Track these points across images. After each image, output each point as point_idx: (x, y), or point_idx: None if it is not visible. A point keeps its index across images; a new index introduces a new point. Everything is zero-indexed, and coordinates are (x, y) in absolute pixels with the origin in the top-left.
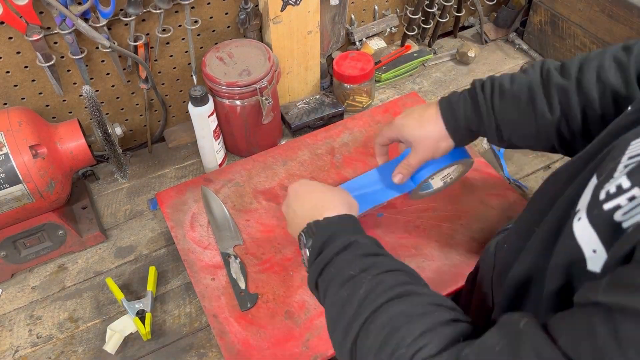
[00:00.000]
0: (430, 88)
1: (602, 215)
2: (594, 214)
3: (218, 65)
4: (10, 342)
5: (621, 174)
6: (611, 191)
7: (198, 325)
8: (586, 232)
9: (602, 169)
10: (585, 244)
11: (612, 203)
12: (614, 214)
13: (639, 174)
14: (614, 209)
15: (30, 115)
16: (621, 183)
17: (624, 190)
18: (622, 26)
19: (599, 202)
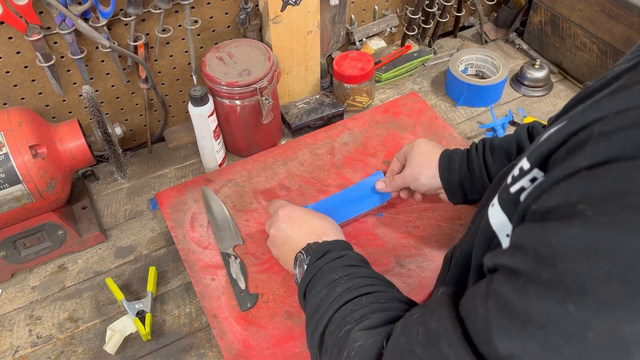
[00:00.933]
0: (430, 88)
1: (510, 198)
2: (503, 197)
3: (218, 65)
4: (10, 342)
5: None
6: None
7: (198, 325)
8: (498, 215)
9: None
10: (499, 227)
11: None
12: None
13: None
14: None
15: (30, 115)
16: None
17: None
18: (622, 26)
19: (507, 186)
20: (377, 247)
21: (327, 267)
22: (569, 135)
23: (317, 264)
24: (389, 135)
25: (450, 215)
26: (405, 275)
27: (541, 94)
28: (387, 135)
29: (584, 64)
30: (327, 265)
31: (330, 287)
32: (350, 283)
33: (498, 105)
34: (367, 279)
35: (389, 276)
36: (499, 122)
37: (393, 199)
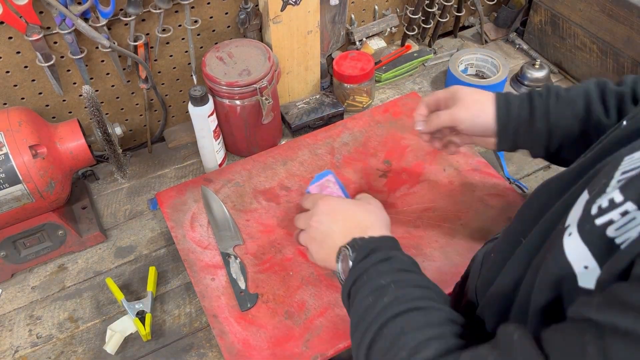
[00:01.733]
0: (430, 88)
1: (594, 230)
2: (586, 229)
3: (218, 65)
4: (10, 342)
5: (614, 189)
6: (603, 205)
7: (198, 325)
8: (577, 247)
9: (594, 184)
10: (576, 261)
11: (604, 218)
12: (607, 229)
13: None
14: (606, 224)
15: (30, 115)
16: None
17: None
18: (622, 26)
19: (591, 217)
20: None
21: (373, 270)
22: None
23: (363, 264)
24: (389, 135)
25: (450, 215)
26: None
27: None
28: (387, 135)
29: (584, 64)
30: (374, 267)
31: (378, 294)
32: (400, 292)
33: None
34: (417, 289)
35: None
36: None
37: (394, 198)
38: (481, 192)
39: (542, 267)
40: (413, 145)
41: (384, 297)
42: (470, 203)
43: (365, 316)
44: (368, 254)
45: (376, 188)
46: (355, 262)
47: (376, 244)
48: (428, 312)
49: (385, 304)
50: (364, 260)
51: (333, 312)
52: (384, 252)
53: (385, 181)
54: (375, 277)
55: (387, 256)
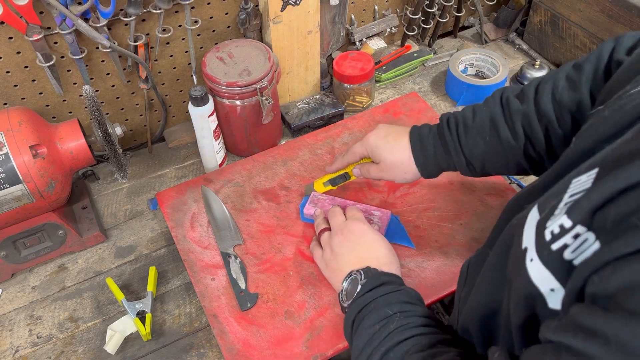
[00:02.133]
0: (430, 88)
1: (552, 255)
2: (545, 254)
3: (218, 65)
4: (10, 342)
5: (562, 212)
6: (555, 231)
7: (198, 325)
8: (540, 272)
9: (543, 204)
10: (542, 285)
11: (559, 243)
12: (564, 253)
13: (577, 211)
14: (562, 248)
15: (30, 115)
16: (563, 223)
17: (567, 230)
18: (622, 26)
19: (546, 243)
20: None
21: (382, 300)
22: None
23: (372, 293)
24: None
25: (450, 215)
26: (405, 275)
27: None
28: None
29: None
30: (383, 297)
31: (384, 322)
32: (405, 321)
33: None
34: (422, 318)
35: None
36: None
37: (394, 198)
38: (481, 192)
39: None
40: None
41: (390, 325)
42: (470, 203)
43: (371, 342)
44: (379, 285)
45: (376, 188)
46: (364, 290)
47: (387, 278)
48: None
49: (391, 331)
50: (373, 290)
51: (333, 312)
52: (393, 286)
53: (385, 181)
54: (382, 306)
55: (396, 289)
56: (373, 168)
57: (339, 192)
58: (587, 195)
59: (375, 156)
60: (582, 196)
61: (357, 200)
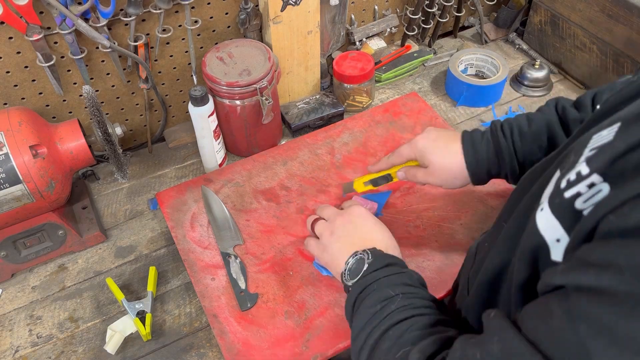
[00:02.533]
0: (430, 88)
1: (563, 203)
2: (556, 202)
3: (218, 65)
4: (10, 342)
5: (582, 163)
6: (571, 179)
7: (198, 325)
8: (548, 221)
9: (565, 162)
10: (548, 234)
11: (572, 190)
12: (575, 202)
13: (596, 160)
14: (574, 196)
15: (30, 115)
16: (580, 170)
17: (583, 177)
18: (622, 26)
19: (560, 191)
20: None
21: (385, 280)
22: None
23: (376, 273)
24: (389, 135)
25: (450, 215)
26: None
27: (541, 94)
28: (387, 135)
29: (584, 64)
30: (387, 278)
31: (385, 303)
32: (406, 302)
33: (498, 105)
34: (423, 300)
35: None
36: None
37: (394, 197)
38: (481, 192)
39: (519, 244)
40: None
41: (391, 305)
42: (470, 203)
43: (370, 322)
44: (384, 265)
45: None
46: (370, 269)
47: (393, 260)
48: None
49: (392, 310)
50: (378, 270)
51: (333, 312)
52: (397, 267)
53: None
54: (385, 287)
55: (400, 270)
56: (420, 172)
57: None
58: (609, 144)
59: (424, 159)
60: (603, 145)
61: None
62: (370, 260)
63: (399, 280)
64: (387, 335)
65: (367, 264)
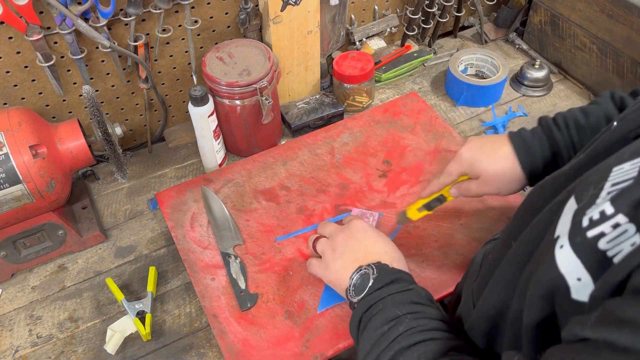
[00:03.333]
0: (430, 88)
1: (586, 243)
2: (577, 241)
3: (218, 65)
4: (10, 342)
5: (604, 200)
6: (594, 217)
7: (198, 325)
8: (570, 260)
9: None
10: (569, 273)
11: (595, 230)
12: (598, 242)
13: (622, 200)
14: (598, 236)
15: (30, 115)
16: (604, 209)
17: (608, 217)
18: (622, 26)
19: (582, 229)
20: None
21: (390, 299)
22: None
23: (382, 291)
24: (389, 135)
25: (451, 215)
26: None
27: (541, 94)
28: (387, 135)
29: (584, 64)
30: (391, 297)
31: (393, 324)
32: (414, 323)
33: (498, 105)
34: (432, 320)
35: None
36: (500, 120)
37: (394, 197)
38: None
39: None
40: (413, 145)
41: (399, 327)
42: (470, 203)
43: (379, 343)
44: (390, 282)
45: (376, 188)
46: (375, 286)
47: (399, 275)
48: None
49: (400, 333)
50: (384, 287)
51: (333, 312)
52: (403, 284)
53: (385, 181)
54: (391, 306)
55: (406, 287)
56: (473, 184)
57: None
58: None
59: (475, 170)
60: (630, 185)
61: (357, 201)
62: (375, 275)
63: (406, 298)
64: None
65: (372, 279)
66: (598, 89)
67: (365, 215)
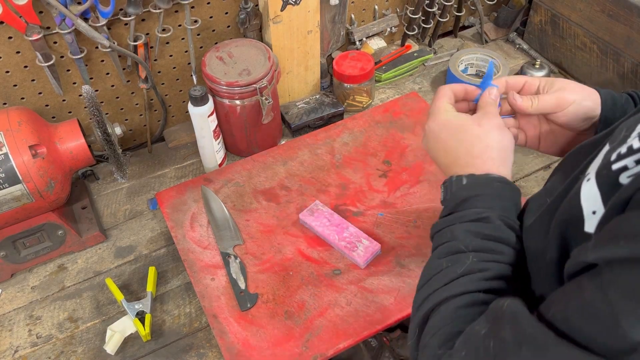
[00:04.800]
0: (430, 88)
1: (609, 175)
2: (602, 174)
3: (218, 65)
4: (10, 342)
5: (633, 138)
6: (622, 152)
7: (198, 325)
8: (591, 191)
9: (615, 136)
10: (588, 205)
11: (620, 164)
12: (620, 176)
13: None
14: (620, 169)
15: (30, 115)
16: (632, 144)
17: (634, 151)
18: (622, 26)
19: (609, 163)
20: None
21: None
22: None
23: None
24: (389, 135)
25: None
26: (405, 275)
27: None
28: (387, 135)
29: (584, 64)
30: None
31: (454, 260)
32: (474, 266)
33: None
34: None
35: (389, 276)
36: None
37: (394, 197)
38: None
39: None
40: (413, 145)
41: (459, 267)
42: None
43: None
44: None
45: (376, 188)
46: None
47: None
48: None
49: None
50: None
51: (333, 312)
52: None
53: (385, 181)
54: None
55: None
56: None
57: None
58: None
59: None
60: None
61: (357, 201)
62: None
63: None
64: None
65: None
66: None
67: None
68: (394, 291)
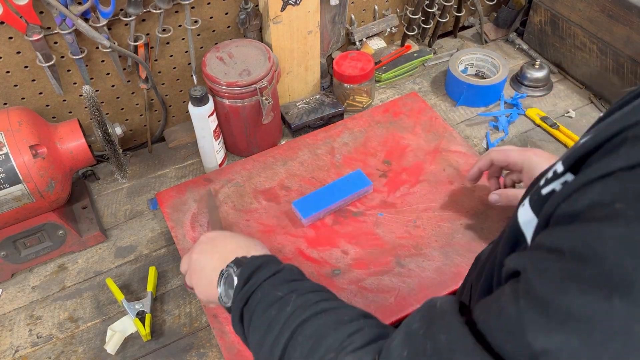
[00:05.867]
0: (430, 88)
1: (540, 199)
2: (534, 198)
3: (218, 65)
4: (10, 342)
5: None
6: (549, 177)
7: (198, 325)
8: (527, 215)
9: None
10: (526, 228)
11: (548, 188)
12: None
13: (569, 158)
14: (549, 193)
15: (30, 115)
16: (557, 169)
17: (558, 175)
18: (622, 26)
19: (539, 188)
20: (377, 247)
21: (267, 284)
22: (604, 141)
23: (254, 280)
24: (389, 135)
25: (450, 215)
26: (405, 275)
27: (541, 94)
28: (387, 135)
29: (584, 64)
30: (267, 281)
31: (279, 305)
32: (301, 299)
33: (498, 105)
34: (317, 293)
35: (389, 276)
36: (502, 112)
37: (394, 197)
38: (481, 192)
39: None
40: (413, 145)
41: (286, 307)
42: (470, 203)
43: (271, 330)
44: (256, 269)
45: (376, 188)
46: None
47: (262, 260)
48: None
49: (289, 313)
50: (253, 277)
51: None
52: (272, 267)
53: (385, 181)
54: (270, 290)
55: (277, 269)
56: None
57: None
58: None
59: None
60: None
61: (357, 201)
62: (238, 271)
63: (282, 278)
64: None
65: (236, 276)
66: (598, 89)
67: None
68: (393, 291)
